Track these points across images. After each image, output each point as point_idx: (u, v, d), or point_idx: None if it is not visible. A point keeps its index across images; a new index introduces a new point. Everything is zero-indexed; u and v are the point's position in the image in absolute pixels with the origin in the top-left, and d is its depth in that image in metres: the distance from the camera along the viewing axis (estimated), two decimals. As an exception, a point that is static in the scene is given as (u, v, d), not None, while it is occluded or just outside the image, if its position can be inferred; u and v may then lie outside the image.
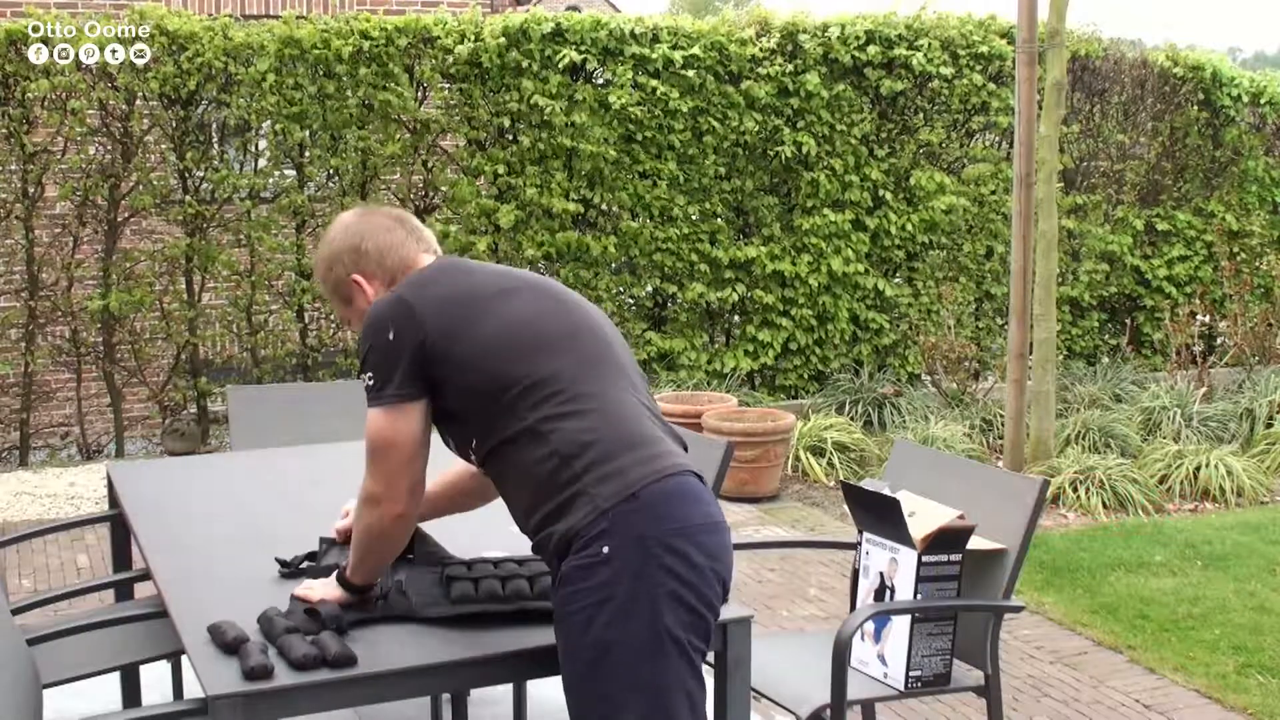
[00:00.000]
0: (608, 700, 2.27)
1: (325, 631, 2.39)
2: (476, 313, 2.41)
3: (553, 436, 2.33)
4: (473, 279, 2.49)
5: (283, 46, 7.50)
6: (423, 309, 2.39)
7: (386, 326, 2.39)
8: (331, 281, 2.62)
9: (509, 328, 2.41)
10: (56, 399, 8.08)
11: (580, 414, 2.34)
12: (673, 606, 2.27)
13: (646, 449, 2.35)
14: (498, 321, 2.41)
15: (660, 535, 2.28)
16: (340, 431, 4.20)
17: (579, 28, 8.02)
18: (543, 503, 2.35)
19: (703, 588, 2.31)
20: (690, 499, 2.34)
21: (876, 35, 8.59)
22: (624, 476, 2.30)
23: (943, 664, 3.14)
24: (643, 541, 2.27)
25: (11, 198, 7.41)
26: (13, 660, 2.67)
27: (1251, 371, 8.60)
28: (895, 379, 8.75)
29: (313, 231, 8.00)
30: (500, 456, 2.41)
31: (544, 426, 2.34)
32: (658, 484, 2.31)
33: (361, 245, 2.58)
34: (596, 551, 2.26)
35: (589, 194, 8.18)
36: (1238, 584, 5.31)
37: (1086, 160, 9.45)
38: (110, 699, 3.57)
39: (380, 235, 2.59)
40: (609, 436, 2.34)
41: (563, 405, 2.35)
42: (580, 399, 2.36)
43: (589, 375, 2.40)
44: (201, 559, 2.92)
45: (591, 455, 2.31)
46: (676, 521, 2.30)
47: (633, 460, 2.32)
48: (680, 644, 2.28)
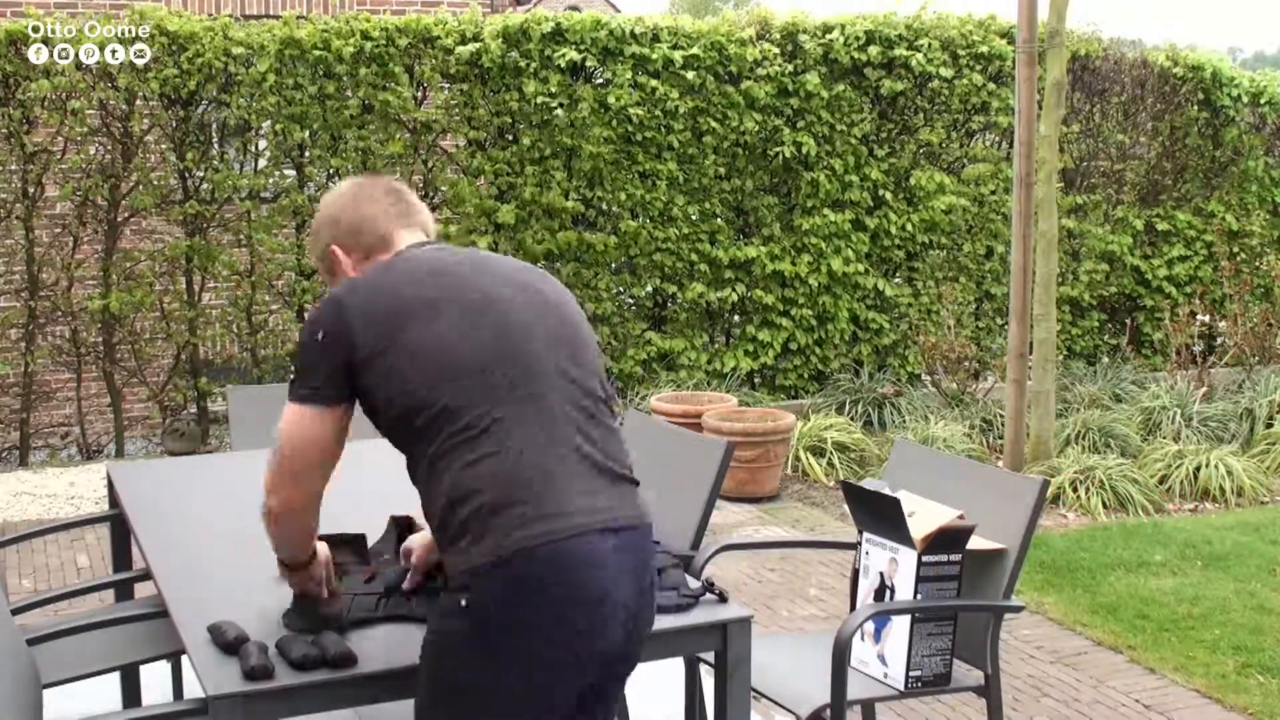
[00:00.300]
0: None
1: (325, 631, 2.39)
2: (399, 328, 2.28)
3: (445, 476, 2.23)
4: (416, 290, 2.32)
5: (283, 47, 7.50)
6: (353, 319, 2.30)
7: (318, 328, 2.33)
8: (316, 251, 2.57)
9: (424, 350, 2.26)
10: (56, 399, 8.08)
11: (474, 460, 2.21)
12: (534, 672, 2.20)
13: (538, 506, 2.19)
14: (416, 342, 2.26)
15: (522, 604, 2.18)
16: (340, 431, 4.20)
17: (579, 28, 8.02)
18: (438, 534, 2.28)
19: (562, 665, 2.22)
20: (574, 567, 2.19)
21: (876, 35, 8.59)
22: (502, 536, 2.17)
23: (943, 664, 3.14)
24: (503, 606, 2.18)
25: (11, 198, 7.42)
26: (13, 660, 2.67)
27: (1251, 371, 8.60)
28: (895, 379, 8.75)
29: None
30: (414, 480, 2.35)
31: (439, 463, 2.24)
32: (537, 548, 2.17)
33: (340, 215, 2.52)
34: (456, 601, 2.20)
35: (589, 193, 8.18)
36: (1238, 584, 5.31)
37: (1086, 160, 9.46)
38: (110, 699, 3.57)
39: (362, 207, 2.51)
40: (494, 490, 2.19)
41: (459, 444, 2.22)
42: (475, 441, 2.22)
43: (502, 409, 2.24)
44: (201, 559, 2.92)
45: (473, 506, 2.19)
46: (545, 590, 2.18)
47: (519, 517, 2.18)
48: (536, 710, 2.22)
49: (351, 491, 3.51)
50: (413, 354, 2.26)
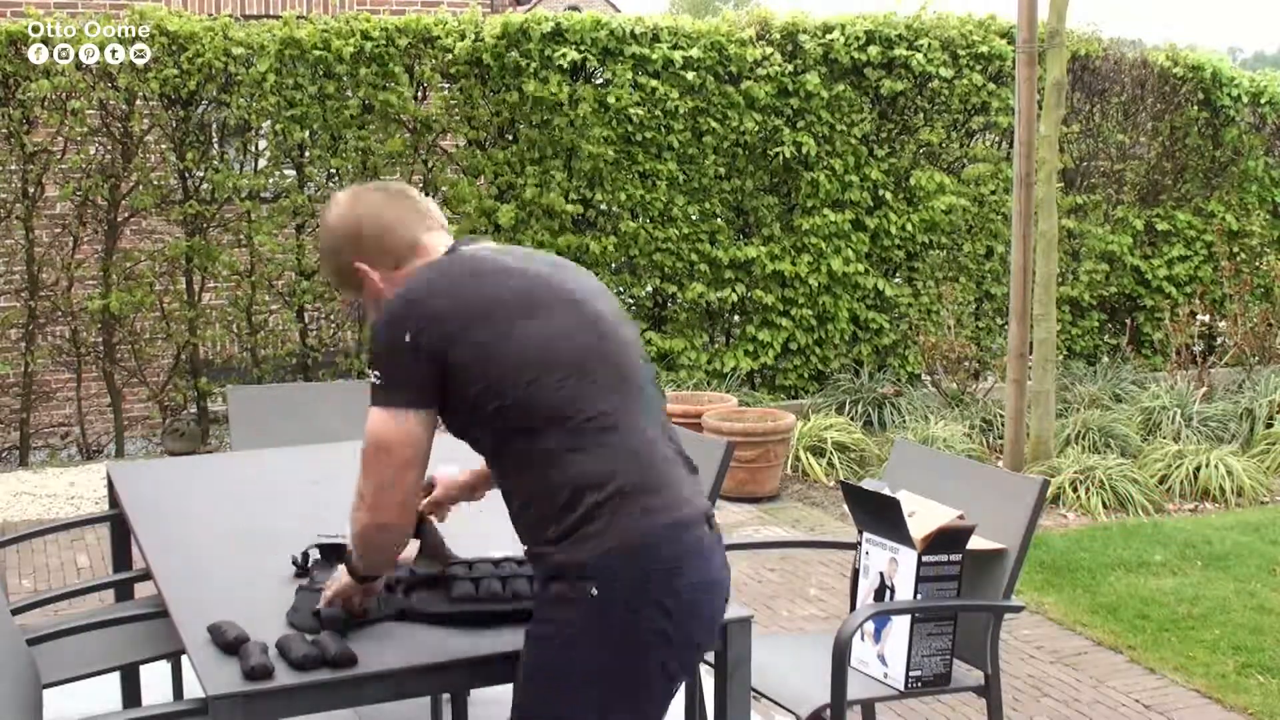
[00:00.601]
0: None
1: (325, 631, 2.39)
2: (502, 328, 2.27)
3: (569, 468, 2.25)
4: (499, 286, 2.32)
5: (283, 47, 7.50)
6: (444, 317, 2.27)
7: (403, 327, 2.26)
8: (335, 270, 2.48)
9: (535, 349, 2.27)
10: (56, 399, 8.08)
11: (599, 448, 2.26)
12: (652, 653, 2.26)
13: (658, 496, 2.28)
14: (523, 340, 2.27)
15: (651, 589, 2.24)
16: (340, 431, 4.20)
17: (579, 27, 8.02)
18: (546, 526, 2.27)
19: (680, 647, 2.29)
20: (691, 555, 2.29)
21: (876, 35, 8.59)
22: (631, 523, 2.24)
23: (943, 664, 3.14)
24: (633, 591, 2.23)
25: (11, 198, 7.42)
26: (13, 660, 2.67)
27: (1251, 371, 8.60)
28: (895, 379, 8.75)
29: (313, 231, 7.99)
30: (510, 473, 2.33)
31: (561, 456, 2.25)
32: (662, 537, 2.26)
33: (360, 230, 2.43)
34: (585, 591, 2.22)
35: (589, 194, 8.18)
36: (1238, 584, 5.31)
37: (1086, 160, 9.46)
38: (110, 699, 3.57)
39: (379, 216, 2.43)
40: (623, 477, 2.25)
41: (582, 436, 2.26)
42: (600, 432, 2.27)
43: (611, 403, 2.30)
44: (201, 559, 2.92)
45: (602, 495, 2.24)
46: (671, 578, 2.26)
47: (642, 508, 2.25)
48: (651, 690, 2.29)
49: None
50: (522, 350, 2.27)
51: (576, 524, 2.23)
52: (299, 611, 2.52)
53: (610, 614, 2.22)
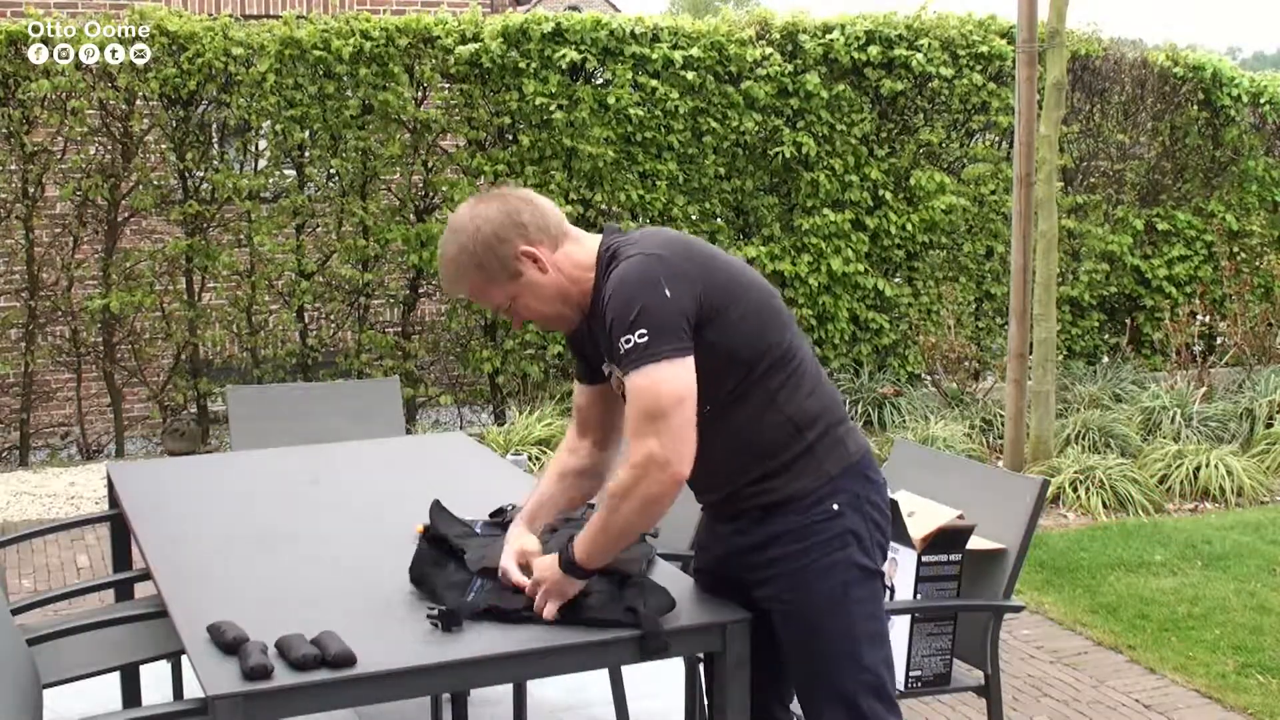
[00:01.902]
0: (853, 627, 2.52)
1: (324, 631, 2.39)
2: (738, 279, 2.49)
3: (784, 405, 2.51)
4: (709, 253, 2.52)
5: (283, 47, 7.50)
6: (693, 268, 2.42)
7: (659, 283, 2.37)
8: (493, 267, 2.51)
9: (764, 297, 2.52)
10: (56, 399, 8.09)
11: (810, 387, 2.55)
12: (878, 550, 2.59)
13: (849, 424, 2.62)
14: (757, 290, 2.51)
15: (868, 495, 2.57)
16: (340, 431, 4.21)
17: (579, 28, 8.02)
18: (766, 462, 2.51)
19: (887, 536, 2.64)
20: (875, 466, 2.65)
21: (876, 35, 8.59)
22: (844, 448, 2.56)
23: (943, 664, 3.14)
24: (859, 500, 2.55)
25: (11, 198, 7.42)
26: (13, 660, 2.67)
27: (1251, 371, 8.60)
28: (895, 379, 8.75)
29: (313, 231, 8.00)
30: (729, 415, 2.49)
31: (781, 395, 2.50)
32: (863, 456, 2.60)
33: (520, 216, 2.51)
34: (827, 509, 2.51)
35: (589, 194, 8.18)
36: (1238, 584, 5.31)
37: (1086, 160, 9.45)
38: (110, 699, 3.57)
39: (531, 200, 2.55)
40: (830, 410, 2.57)
41: (797, 377, 2.53)
42: (807, 374, 2.56)
43: (807, 350, 2.59)
44: (201, 559, 2.92)
45: (820, 427, 2.54)
46: (875, 484, 2.60)
47: (845, 433, 2.58)
48: (881, 578, 2.61)
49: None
50: (757, 305, 2.49)
51: (799, 455, 2.51)
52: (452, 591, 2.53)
53: (857, 520, 2.53)
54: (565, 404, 7.67)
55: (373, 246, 7.89)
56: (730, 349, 2.44)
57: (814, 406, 2.54)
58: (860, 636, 2.53)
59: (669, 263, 2.41)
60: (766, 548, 2.54)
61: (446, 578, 2.60)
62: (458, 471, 3.78)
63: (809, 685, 2.57)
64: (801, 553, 2.51)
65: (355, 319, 8.04)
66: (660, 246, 2.45)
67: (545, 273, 2.51)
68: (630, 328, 2.35)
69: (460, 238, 2.52)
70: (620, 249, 2.49)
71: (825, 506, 2.52)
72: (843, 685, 2.52)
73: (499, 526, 2.86)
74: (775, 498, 2.52)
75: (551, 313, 2.57)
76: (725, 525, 2.63)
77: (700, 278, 2.42)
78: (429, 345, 8.21)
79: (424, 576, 2.63)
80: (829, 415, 2.57)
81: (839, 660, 2.52)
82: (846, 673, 2.52)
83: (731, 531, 2.61)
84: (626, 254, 2.46)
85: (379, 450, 4.02)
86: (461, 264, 2.53)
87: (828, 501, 2.52)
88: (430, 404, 8.25)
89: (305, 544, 2.99)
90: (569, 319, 2.58)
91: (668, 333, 2.35)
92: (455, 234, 2.53)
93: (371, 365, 8.03)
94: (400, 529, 2.97)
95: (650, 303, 2.36)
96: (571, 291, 2.53)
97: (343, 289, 7.98)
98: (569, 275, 2.53)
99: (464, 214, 2.54)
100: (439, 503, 2.86)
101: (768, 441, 2.51)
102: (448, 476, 3.61)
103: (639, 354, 2.35)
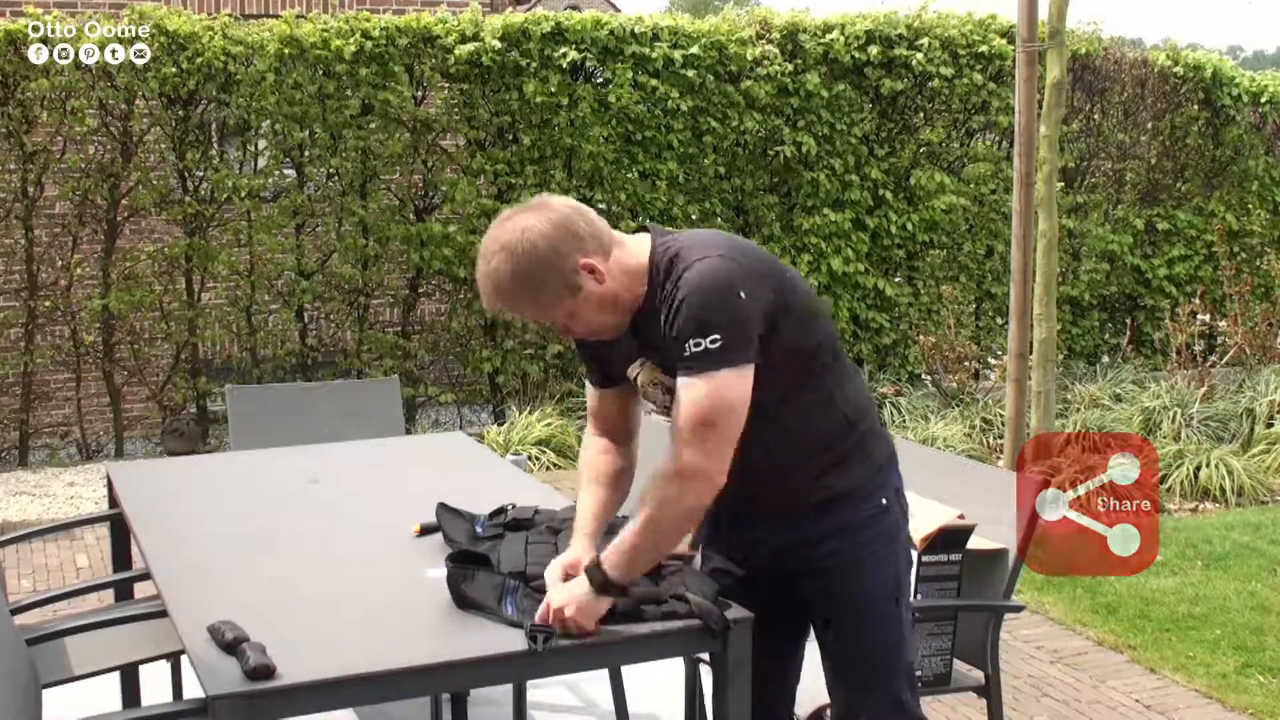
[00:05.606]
0: (901, 622, 2.56)
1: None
2: (793, 275, 2.50)
3: (838, 398, 2.53)
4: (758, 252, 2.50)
5: (283, 46, 7.50)
6: (763, 268, 2.41)
7: (735, 287, 2.32)
8: (554, 282, 2.38)
9: (811, 291, 2.55)
10: (56, 399, 8.08)
11: (854, 380, 2.61)
12: (907, 542, 2.65)
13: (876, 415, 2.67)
14: (805, 285, 2.53)
15: (899, 486, 2.62)
16: (340, 431, 4.20)
17: (579, 27, 8.02)
18: (821, 457, 2.52)
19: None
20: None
21: (877, 35, 8.59)
22: (884, 438, 2.63)
23: (943, 664, 3.14)
24: (899, 493, 2.61)
25: (11, 197, 7.41)
26: (12, 660, 2.67)
27: (1251, 371, 8.59)
28: (895, 379, 8.75)
29: (312, 231, 8.00)
30: (786, 413, 2.47)
31: (833, 388, 2.53)
32: (893, 446, 2.66)
33: (576, 230, 2.39)
34: (878, 503, 2.55)
35: (589, 194, 8.17)
36: (1238, 584, 5.31)
37: (1087, 160, 9.45)
38: (110, 699, 3.57)
39: (581, 211, 2.44)
40: (869, 402, 2.64)
41: (843, 370, 2.57)
42: (848, 367, 2.61)
43: (841, 346, 2.62)
44: (201, 559, 2.92)
45: (869, 419, 2.59)
46: (901, 476, 2.65)
47: (880, 428, 2.64)
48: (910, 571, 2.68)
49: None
50: (811, 304, 2.51)
51: (852, 448, 2.53)
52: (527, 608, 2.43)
53: (895, 515, 2.58)
54: (565, 404, 7.67)
55: (373, 246, 7.89)
56: (794, 344, 2.43)
57: (862, 399, 2.59)
58: (905, 630, 2.58)
59: (745, 265, 2.37)
60: (821, 542, 2.53)
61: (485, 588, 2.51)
62: (457, 471, 3.77)
63: (851, 677, 2.57)
64: (858, 546, 2.53)
65: (355, 318, 8.04)
66: (729, 249, 2.40)
67: (602, 283, 2.41)
68: (703, 331, 2.30)
69: (513, 255, 2.35)
70: (681, 251, 2.41)
71: (875, 501, 2.56)
72: (889, 678, 2.54)
73: (499, 526, 2.85)
74: (831, 493, 2.53)
75: (608, 322, 2.47)
76: (765, 523, 2.57)
77: (770, 277, 2.40)
78: (429, 345, 8.21)
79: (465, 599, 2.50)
80: (870, 407, 2.63)
81: (886, 654, 2.54)
82: (893, 665, 2.55)
83: (773, 529, 2.56)
84: (694, 256, 2.37)
85: (379, 450, 4.02)
86: (517, 282, 2.37)
87: (877, 496, 2.56)
88: (430, 404, 8.25)
89: (305, 544, 2.98)
90: (621, 326, 2.49)
91: (739, 340, 2.32)
92: (504, 251, 2.36)
93: (371, 365, 8.02)
94: (400, 529, 2.97)
95: (727, 307, 2.32)
96: (625, 298, 2.44)
97: (342, 288, 7.98)
98: (622, 282, 2.43)
99: (511, 229, 2.38)
100: (444, 505, 2.85)
101: (827, 435, 2.52)
102: (447, 476, 3.61)
103: (706, 359, 2.31)
